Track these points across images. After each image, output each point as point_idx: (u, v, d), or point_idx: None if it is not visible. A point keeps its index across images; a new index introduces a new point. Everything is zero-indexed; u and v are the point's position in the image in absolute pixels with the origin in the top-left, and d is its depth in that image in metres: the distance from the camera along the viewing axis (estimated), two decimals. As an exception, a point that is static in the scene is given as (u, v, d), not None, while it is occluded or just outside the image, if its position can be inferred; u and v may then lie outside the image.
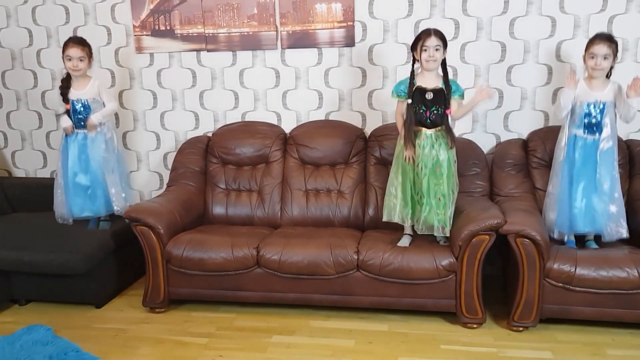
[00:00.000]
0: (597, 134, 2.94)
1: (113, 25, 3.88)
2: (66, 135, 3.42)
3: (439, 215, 2.94)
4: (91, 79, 3.45)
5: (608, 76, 2.97)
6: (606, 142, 2.94)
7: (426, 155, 2.95)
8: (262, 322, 3.09)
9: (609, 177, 2.95)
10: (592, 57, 2.89)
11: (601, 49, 2.87)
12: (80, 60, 3.35)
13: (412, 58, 3.03)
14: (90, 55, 3.41)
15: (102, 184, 3.43)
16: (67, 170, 3.44)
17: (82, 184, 3.42)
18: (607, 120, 2.93)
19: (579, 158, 2.97)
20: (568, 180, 2.99)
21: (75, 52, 3.33)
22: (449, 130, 2.97)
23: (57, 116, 3.43)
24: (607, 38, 2.89)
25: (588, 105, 2.94)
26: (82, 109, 3.39)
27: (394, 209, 3.06)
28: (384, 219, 3.11)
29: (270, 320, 3.11)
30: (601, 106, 2.93)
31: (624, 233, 2.95)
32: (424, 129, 2.97)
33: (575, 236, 3.05)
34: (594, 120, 2.94)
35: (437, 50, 2.89)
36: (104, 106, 3.44)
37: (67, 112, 3.40)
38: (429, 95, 2.94)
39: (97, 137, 3.42)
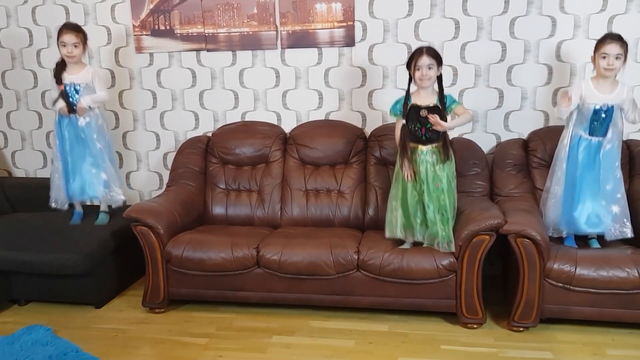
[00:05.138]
0: (602, 136, 2.94)
1: (113, 25, 3.88)
2: (62, 115, 3.42)
3: (443, 231, 2.93)
4: (86, 66, 3.47)
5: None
6: (608, 143, 2.94)
7: (424, 172, 2.95)
8: (262, 322, 3.09)
9: (612, 178, 2.95)
10: (604, 57, 2.85)
11: (613, 48, 2.83)
12: (75, 46, 3.35)
13: (408, 76, 3.01)
14: (84, 41, 3.41)
15: (100, 170, 3.45)
16: (64, 154, 3.46)
17: (78, 168, 3.45)
18: (612, 123, 2.92)
19: (582, 159, 2.96)
20: (570, 180, 2.98)
21: (69, 38, 3.33)
22: (445, 146, 2.96)
23: (54, 101, 3.43)
24: (618, 37, 2.86)
25: (595, 107, 2.91)
26: (74, 92, 3.40)
27: (396, 225, 3.05)
28: (387, 235, 3.09)
29: (270, 320, 3.11)
30: (607, 108, 2.90)
31: (629, 233, 2.95)
32: (420, 146, 2.97)
33: (578, 235, 3.05)
34: (599, 123, 2.92)
35: (430, 69, 2.89)
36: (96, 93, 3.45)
37: (62, 93, 3.39)
38: (423, 113, 2.93)
39: (89, 125, 3.43)
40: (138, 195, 4.11)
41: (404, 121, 3.00)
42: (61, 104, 3.40)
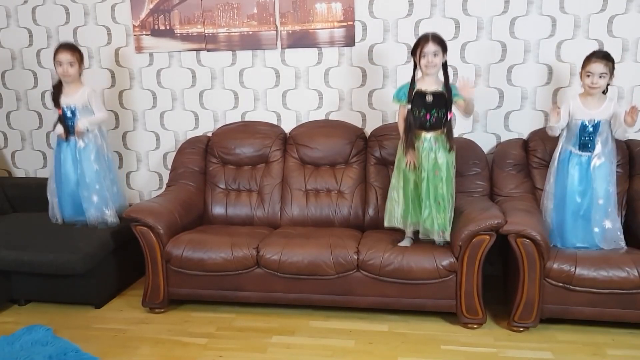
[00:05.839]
0: (591, 151, 2.96)
1: (113, 25, 3.88)
2: (62, 140, 3.42)
3: (439, 220, 2.93)
4: (82, 87, 3.43)
5: (604, 92, 2.97)
6: (598, 159, 2.95)
7: (425, 158, 2.95)
8: (262, 322, 3.09)
9: (604, 192, 2.96)
10: (589, 75, 2.89)
11: (597, 67, 2.86)
12: (71, 65, 3.34)
13: (413, 63, 3.01)
14: (80, 60, 3.40)
15: (93, 192, 3.42)
16: (59, 176, 3.46)
17: (75, 191, 3.43)
18: (599, 138, 2.94)
19: (574, 174, 2.98)
20: (560, 195, 3.01)
21: (65, 57, 3.33)
22: (449, 134, 2.96)
23: (54, 125, 3.46)
24: (604, 56, 2.89)
25: (582, 123, 2.95)
26: (71, 115, 3.39)
27: (395, 214, 3.05)
28: (386, 224, 3.10)
29: (270, 320, 3.11)
30: (594, 124, 2.93)
31: (622, 245, 2.96)
32: (423, 132, 2.97)
33: None
34: (588, 138, 2.95)
35: (435, 55, 2.89)
36: (94, 114, 3.43)
37: (60, 117, 3.40)
38: (429, 98, 2.94)
39: (87, 146, 3.42)
40: (138, 195, 4.11)
41: (409, 106, 2.99)
42: (60, 129, 3.40)
